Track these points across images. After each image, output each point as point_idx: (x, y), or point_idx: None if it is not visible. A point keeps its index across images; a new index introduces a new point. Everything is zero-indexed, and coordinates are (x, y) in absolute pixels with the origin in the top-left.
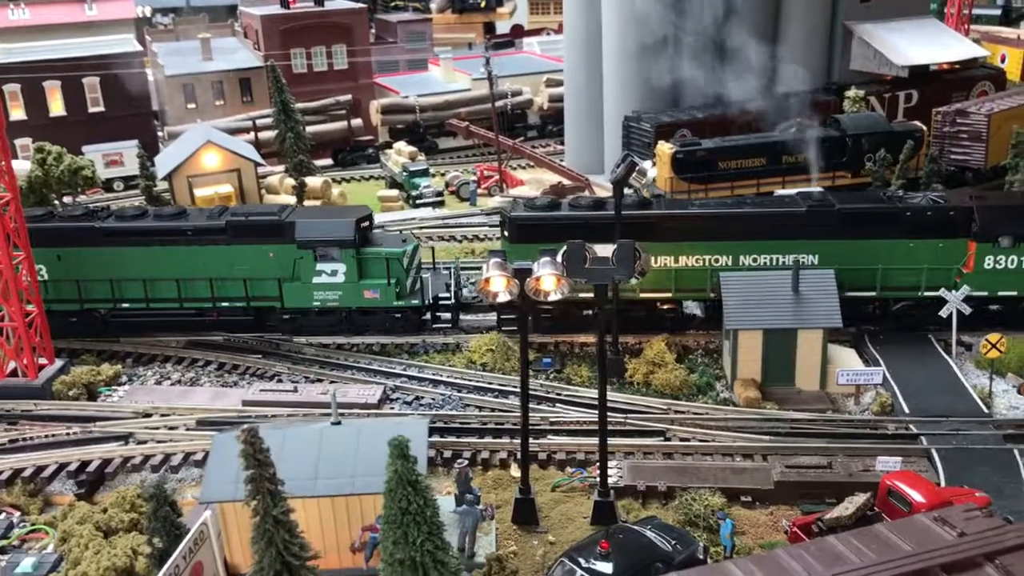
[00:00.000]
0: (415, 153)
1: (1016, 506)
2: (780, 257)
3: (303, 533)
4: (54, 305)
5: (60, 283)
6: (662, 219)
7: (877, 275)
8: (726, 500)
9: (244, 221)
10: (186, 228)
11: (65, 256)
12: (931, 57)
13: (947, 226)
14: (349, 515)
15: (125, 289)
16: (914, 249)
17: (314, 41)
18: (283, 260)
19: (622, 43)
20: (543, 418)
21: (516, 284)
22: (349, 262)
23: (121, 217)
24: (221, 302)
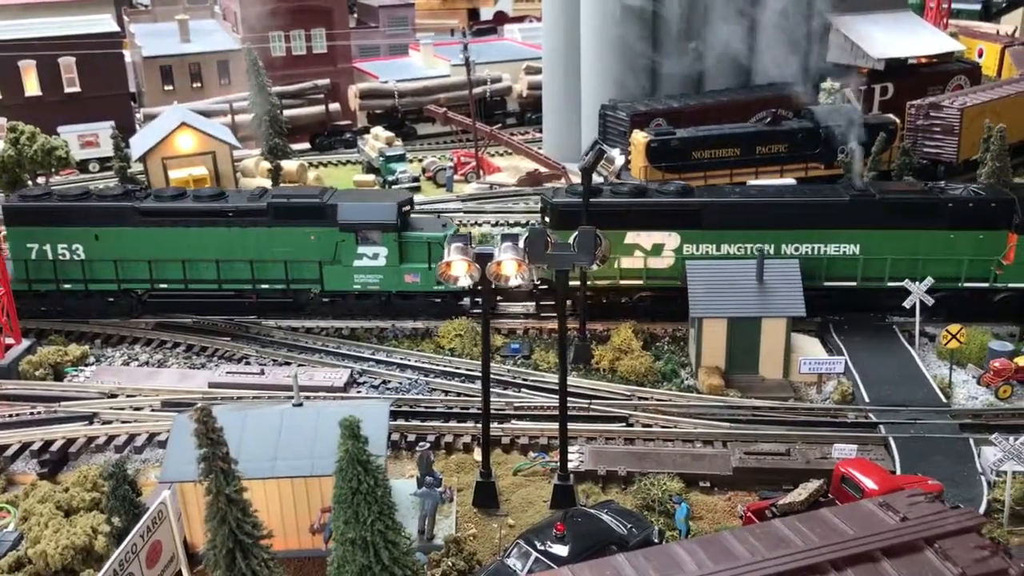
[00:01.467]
0: (392, 138)
1: (969, 494)
2: (822, 246)
3: (257, 512)
4: (91, 285)
5: (97, 263)
6: (703, 207)
7: (918, 266)
8: (684, 485)
9: (286, 203)
10: (227, 209)
11: (103, 236)
12: (907, 50)
13: (988, 218)
14: (309, 496)
15: (163, 270)
16: (955, 240)
17: (293, 24)
18: (324, 243)
19: (600, 31)
20: (508, 403)
21: (477, 268)
22: (391, 246)
23: (160, 197)
24: (261, 284)
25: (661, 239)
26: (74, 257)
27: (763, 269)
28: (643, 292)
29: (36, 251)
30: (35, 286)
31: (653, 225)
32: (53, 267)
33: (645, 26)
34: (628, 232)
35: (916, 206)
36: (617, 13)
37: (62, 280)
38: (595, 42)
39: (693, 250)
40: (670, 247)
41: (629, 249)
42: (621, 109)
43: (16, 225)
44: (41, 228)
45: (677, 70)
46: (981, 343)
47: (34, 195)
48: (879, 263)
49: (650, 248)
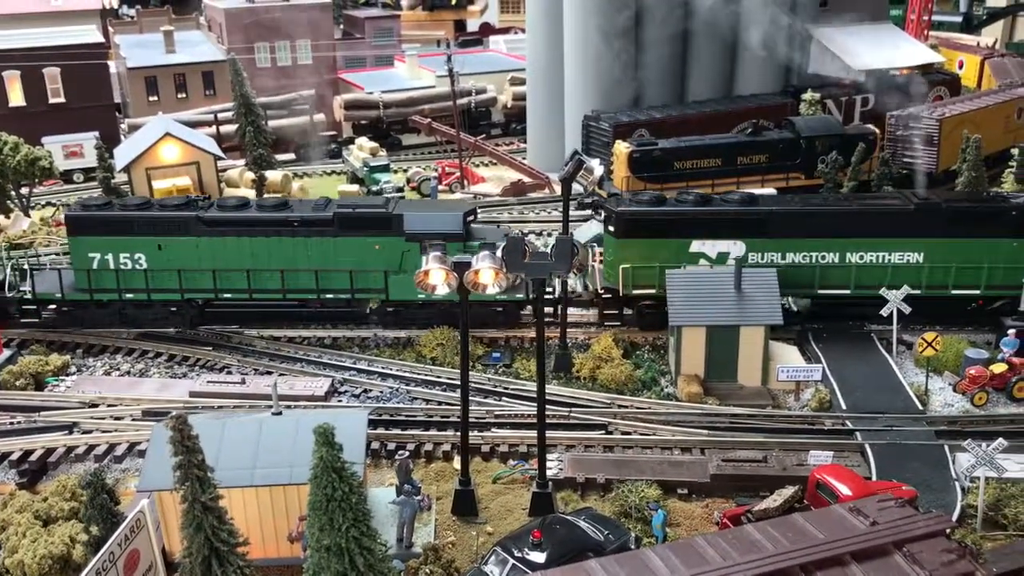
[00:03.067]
0: (376, 149)
1: (943, 500)
2: (886, 255)
3: (233, 520)
4: (154, 295)
5: (160, 273)
6: (769, 215)
7: (983, 274)
8: (662, 492)
9: (352, 213)
10: (292, 219)
11: (166, 245)
12: (887, 62)
13: None
14: (287, 505)
15: (227, 280)
16: (1017, 248)
17: (278, 35)
18: (390, 253)
19: (583, 42)
20: (488, 411)
21: (455, 277)
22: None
23: (223, 207)
24: (325, 294)
25: (726, 247)
26: (136, 267)
27: (741, 278)
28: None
29: (98, 260)
30: (97, 295)
31: (718, 233)
32: (115, 276)
33: (629, 38)
34: (693, 241)
35: (981, 214)
36: (600, 25)
37: (124, 290)
38: (578, 53)
39: (758, 258)
40: (735, 256)
41: (694, 258)
42: (604, 120)
43: (78, 235)
44: (103, 238)
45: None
46: (957, 351)
47: (96, 205)
48: (943, 271)
49: (715, 257)
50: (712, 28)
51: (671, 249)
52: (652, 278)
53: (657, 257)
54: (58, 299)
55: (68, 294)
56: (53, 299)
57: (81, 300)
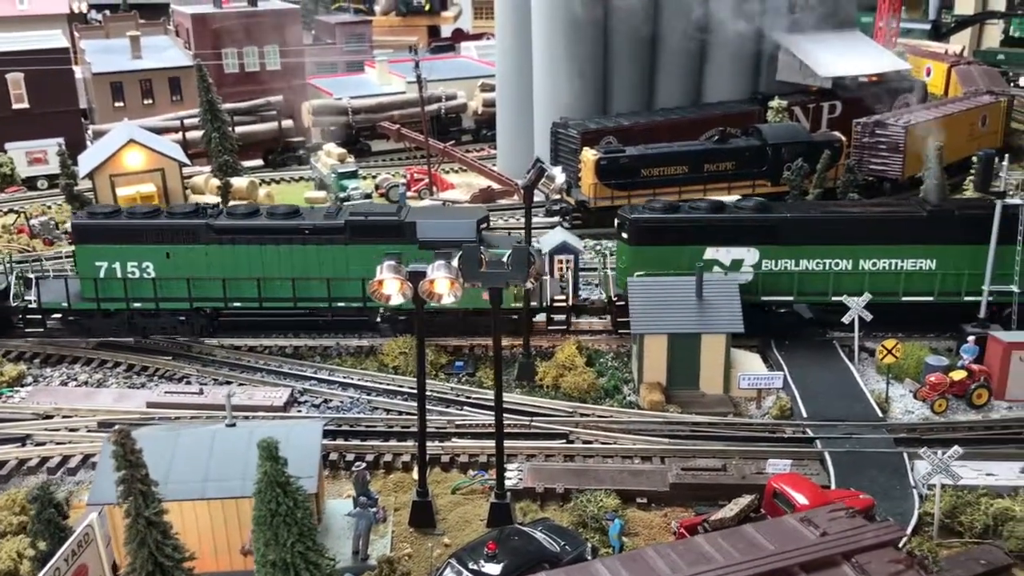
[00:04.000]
0: (344, 155)
1: (901, 507)
2: (899, 261)
3: (178, 535)
4: (162, 304)
5: (169, 281)
6: (782, 222)
7: (995, 279)
8: (621, 502)
9: (364, 221)
10: (304, 227)
11: (175, 254)
12: (854, 69)
13: None
14: (240, 518)
15: (237, 288)
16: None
17: (246, 41)
18: (402, 260)
19: (551, 49)
20: (449, 421)
21: (410, 287)
22: None
23: (233, 215)
24: (337, 302)
25: (740, 254)
26: (144, 275)
27: (702, 286)
28: None
29: (105, 269)
30: (104, 305)
31: (732, 240)
32: (123, 285)
33: (596, 45)
34: (707, 248)
35: (991, 220)
36: (568, 31)
37: (132, 299)
38: (546, 60)
39: (772, 265)
40: (749, 262)
41: (708, 265)
42: (572, 127)
43: (84, 243)
44: (110, 246)
45: (628, 89)
46: (918, 358)
47: (103, 212)
48: (956, 278)
49: (729, 264)
50: (680, 35)
51: (685, 256)
52: None
53: (671, 264)
54: (64, 308)
55: (75, 303)
56: (59, 308)
57: (88, 309)
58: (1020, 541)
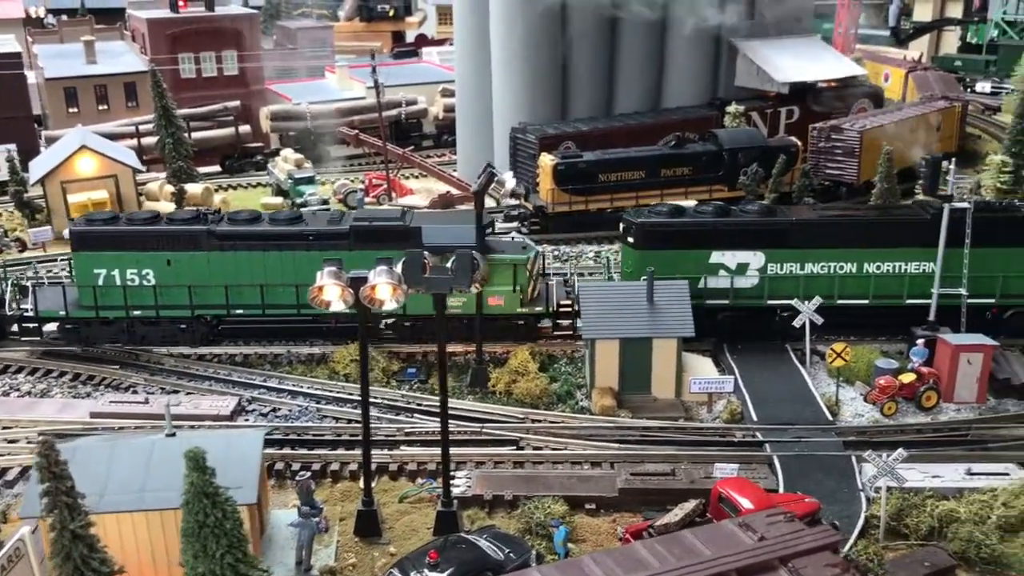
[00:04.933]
0: (301, 160)
1: (848, 511)
2: (903, 264)
3: (106, 548)
4: (163, 312)
5: (170, 289)
6: (788, 226)
7: (998, 283)
8: (569, 508)
9: (368, 226)
10: (307, 233)
11: (175, 261)
12: (810, 75)
13: None
14: (179, 529)
15: (240, 295)
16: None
17: (203, 46)
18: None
19: (509, 54)
20: (399, 428)
21: (351, 293)
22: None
23: (235, 221)
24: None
25: (746, 258)
26: (144, 283)
27: (653, 290)
28: (726, 311)
29: (104, 277)
30: (103, 313)
31: (738, 244)
32: (123, 293)
33: (555, 50)
34: (713, 251)
35: (996, 223)
36: (526, 37)
37: (132, 307)
38: (505, 65)
39: (777, 269)
40: (755, 266)
41: (714, 269)
42: (530, 132)
43: (82, 250)
44: (109, 253)
45: (586, 94)
46: (868, 361)
47: (102, 219)
48: (960, 281)
49: (735, 268)
50: (639, 41)
51: (691, 260)
52: None
53: (677, 268)
54: (62, 316)
55: (72, 311)
56: (56, 316)
57: (86, 317)
58: (964, 543)
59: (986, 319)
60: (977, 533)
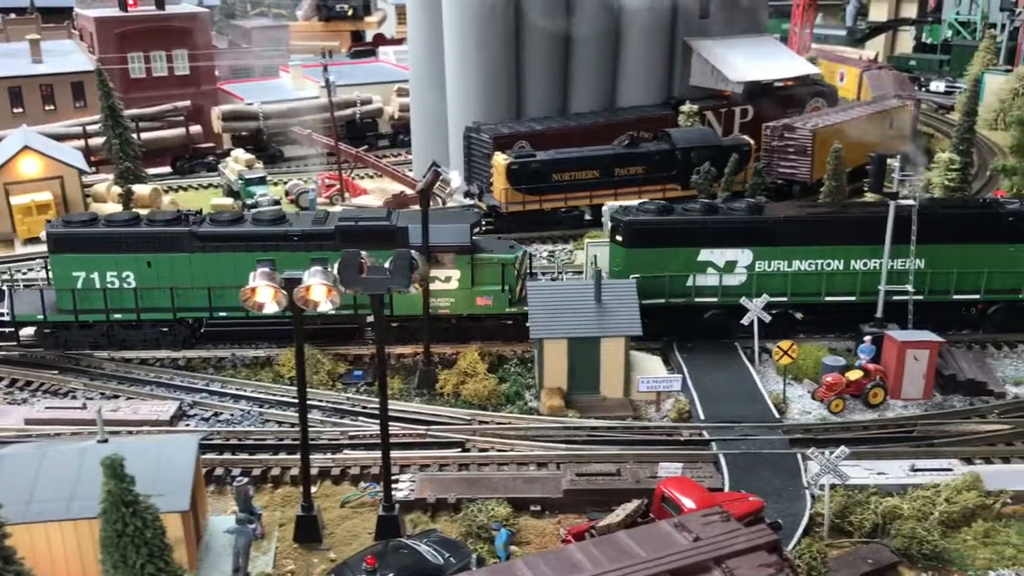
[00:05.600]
0: (252, 161)
1: (794, 509)
2: (888, 261)
3: (23, 559)
4: (144, 315)
5: (151, 291)
6: (775, 224)
7: (982, 279)
8: (513, 510)
9: (354, 226)
10: (292, 233)
11: (156, 263)
12: (764, 74)
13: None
14: None
15: (222, 298)
16: (1013, 254)
17: (153, 45)
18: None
19: (463, 53)
20: (343, 432)
21: (284, 295)
22: (463, 268)
23: (217, 221)
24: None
25: (734, 256)
26: (124, 285)
27: (601, 289)
28: (715, 310)
29: (83, 280)
30: (82, 317)
31: (726, 242)
32: (103, 296)
33: (508, 49)
34: (702, 250)
35: (978, 220)
36: (479, 36)
37: (112, 310)
38: (459, 64)
39: (765, 266)
40: (742, 264)
41: (702, 267)
42: (484, 131)
43: (60, 252)
44: (88, 255)
45: (541, 94)
46: (816, 358)
47: (80, 221)
48: (945, 277)
49: (723, 265)
50: (594, 40)
51: (679, 258)
52: (661, 287)
53: (666, 266)
54: (40, 321)
55: (51, 315)
56: (34, 321)
57: (65, 321)
58: (906, 539)
59: (953, 316)
60: (919, 529)
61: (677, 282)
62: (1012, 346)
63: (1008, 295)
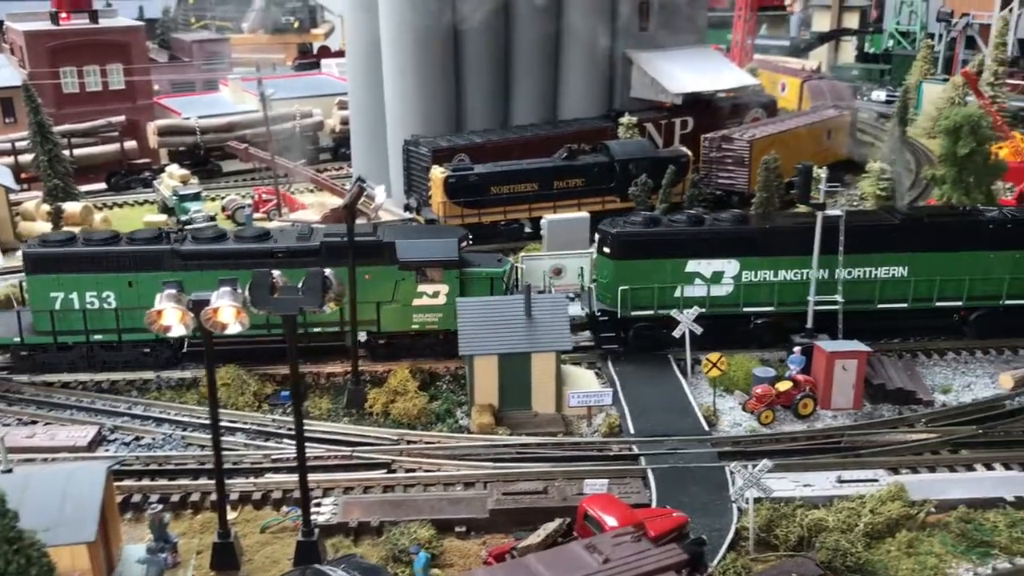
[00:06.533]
0: (187, 176)
1: (720, 523)
2: (873, 270)
3: None
4: (125, 335)
5: (132, 311)
6: (760, 234)
7: (965, 285)
8: (437, 532)
9: (340, 242)
10: (276, 250)
11: (138, 282)
12: (704, 85)
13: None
14: None
15: None
16: (994, 260)
17: (87, 59)
18: (381, 282)
19: (401, 65)
20: (266, 455)
21: (191, 317)
22: (452, 283)
23: (199, 239)
24: (313, 328)
25: (721, 266)
26: (105, 306)
27: (531, 304)
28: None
29: (61, 300)
30: (61, 338)
31: (714, 253)
32: (82, 317)
33: (447, 61)
34: (689, 260)
35: (960, 227)
36: (417, 48)
37: (92, 331)
38: (397, 77)
39: (752, 276)
40: (729, 274)
41: (690, 277)
42: (423, 144)
43: (38, 273)
44: (67, 275)
45: (480, 107)
46: (748, 370)
47: (57, 240)
48: (928, 284)
49: (710, 276)
50: (534, 53)
51: (667, 269)
52: (650, 299)
53: (654, 278)
54: (15, 344)
55: (28, 338)
56: (10, 344)
57: (43, 344)
58: (831, 552)
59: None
60: (843, 541)
61: (666, 293)
62: (941, 354)
63: (989, 301)
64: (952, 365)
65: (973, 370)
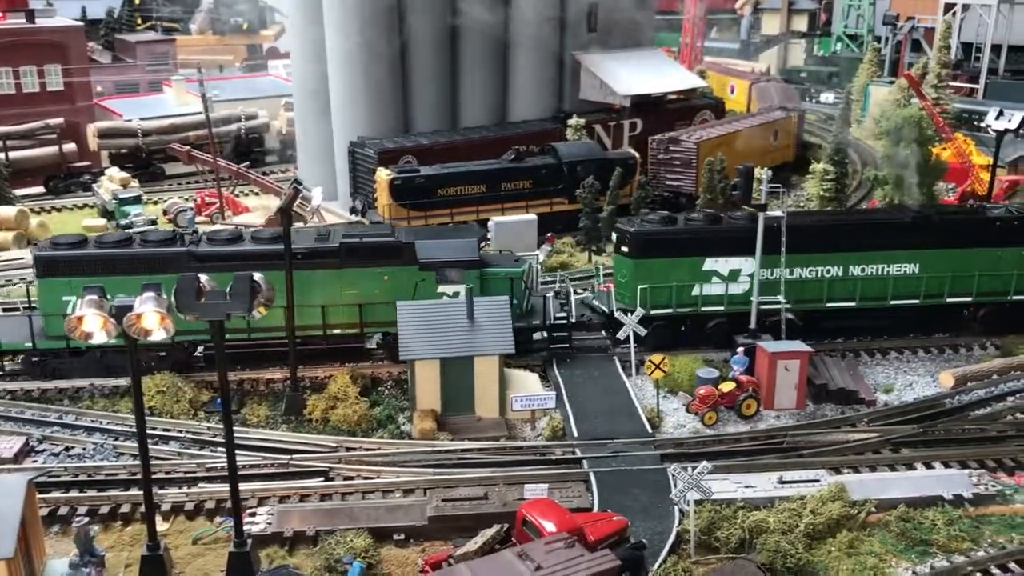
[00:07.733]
0: (127, 180)
1: (662, 526)
2: (885, 266)
3: None
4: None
5: None
6: (777, 232)
7: (975, 281)
8: (375, 540)
9: (360, 243)
10: (295, 252)
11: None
12: (652, 87)
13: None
14: None
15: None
16: (1002, 257)
17: (23, 60)
18: (401, 283)
19: (347, 67)
20: (200, 464)
21: (113, 324)
22: (473, 283)
23: (215, 241)
24: (332, 329)
25: (738, 264)
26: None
27: (473, 307)
28: (717, 318)
29: (73, 304)
30: (74, 343)
31: (731, 251)
32: None
33: (393, 61)
34: (707, 259)
35: (969, 225)
36: (362, 49)
37: None
38: (342, 78)
39: (768, 274)
40: (746, 272)
41: (708, 276)
42: (369, 146)
43: (49, 276)
44: (79, 279)
45: (427, 108)
46: (692, 371)
47: (69, 243)
48: (939, 280)
49: (727, 274)
50: (483, 54)
51: (685, 268)
52: (668, 297)
53: (673, 276)
54: (28, 348)
55: (40, 342)
56: (22, 349)
57: (55, 349)
58: (771, 553)
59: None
60: (784, 543)
61: (684, 291)
62: (884, 353)
63: (997, 297)
64: (894, 364)
65: (915, 369)
